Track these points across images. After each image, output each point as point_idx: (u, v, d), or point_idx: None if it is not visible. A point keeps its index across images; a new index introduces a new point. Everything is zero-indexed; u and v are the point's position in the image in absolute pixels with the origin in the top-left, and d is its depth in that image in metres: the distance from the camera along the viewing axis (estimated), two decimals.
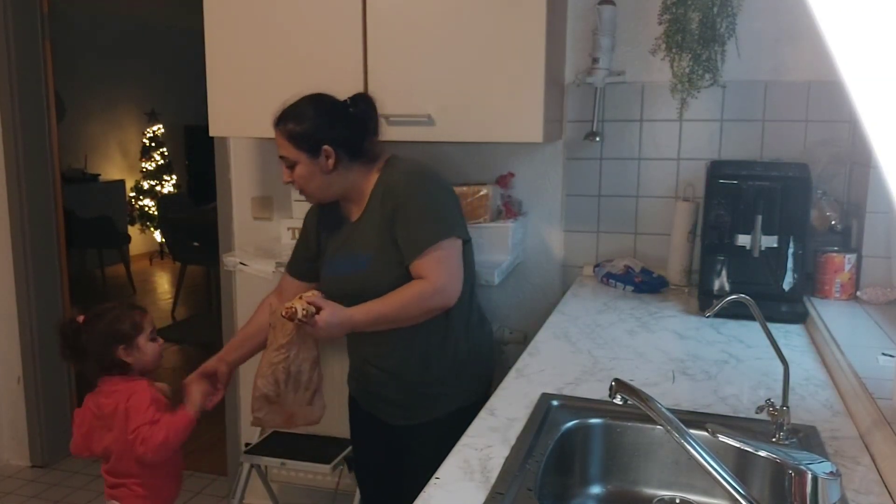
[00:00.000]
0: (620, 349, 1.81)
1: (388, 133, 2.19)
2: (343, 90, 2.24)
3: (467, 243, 1.88)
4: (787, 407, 1.30)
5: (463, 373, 1.91)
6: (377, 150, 1.89)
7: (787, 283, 2.07)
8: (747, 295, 1.31)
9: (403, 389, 1.91)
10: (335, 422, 2.60)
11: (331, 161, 1.80)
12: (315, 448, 2.51)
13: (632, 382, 1.04)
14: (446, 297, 1.78)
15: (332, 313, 1.72)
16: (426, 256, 1.74)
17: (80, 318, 1.96)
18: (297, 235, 2.59)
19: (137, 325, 1.95)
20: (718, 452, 1.00)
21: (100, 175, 7.61)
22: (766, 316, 1.33)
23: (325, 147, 1.79)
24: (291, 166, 1.82)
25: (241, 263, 2.34)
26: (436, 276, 1.75)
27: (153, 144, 8.07)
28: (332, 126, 1.81)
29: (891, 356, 1.55)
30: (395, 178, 1.82)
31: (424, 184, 1.82)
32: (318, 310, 1.71)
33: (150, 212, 7.94)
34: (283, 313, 1.70)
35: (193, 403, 1.96)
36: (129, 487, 1.97)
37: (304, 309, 1.70)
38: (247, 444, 2.58)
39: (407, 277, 1.78)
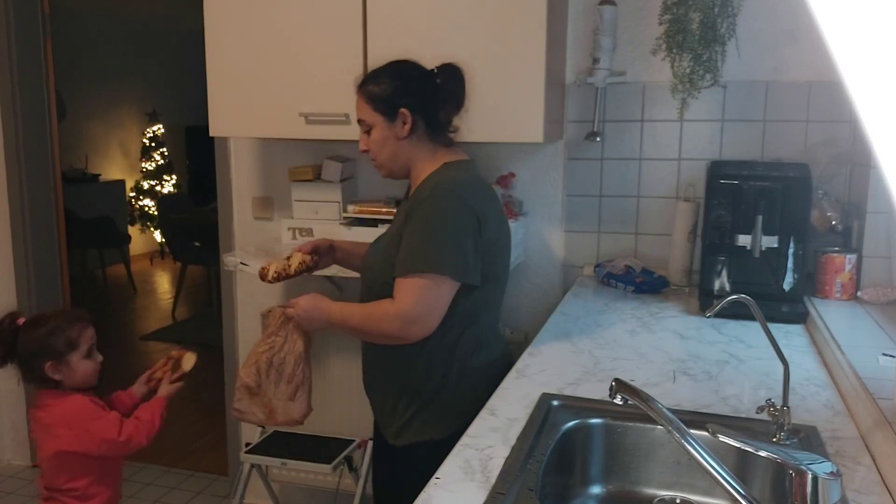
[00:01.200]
0: (621, 349, 1.81)
1: None
2: (343, 90, 2.24)
3: (478, 289, 1.70)
4: (788, 407, 1.30)
5: (434, 405, 1.76)
6: (453, 131, 1.79)
7: (788, 283, 2.08)
8: (748, 295, 1.31)
9: (379, 405, 1.86)
10: (335, 422, 2.61)
11: (406, 126, 1.72)
12: (316, 448, 2.51)
13: (632, 382, 1.04)
14: (407, 329, 1.65)
15: (313, 299, 1.74)
16: (408, 278, 1.63)
17: (20, 321, 1.89)
18: (297, 236, 2.60)
19: (72, 343, 1.87)
20: (719, 452, 1.00)
21: (100, 175, 7.61)
22: (766, 316, 1.33)
23: (402, 110, 1.72)
24: (368, 131, 1.76)
25: (242, 263, 2.34)
26: (404, 301, 1.63)
27: (153, 144, 8.07)
28: (411, 90, 1.73)
29: (891, 356, 1.55)
30: (433, 182, 1.72)
31: (446, 208, 1.67)
32: (309, 264, 1.85)
33: (151, 212, 7.94)
34: (259, 271, 1.83)
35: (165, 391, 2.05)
36: (59, 500, 1.92)
37: (275, 270, 1.81)
38: (247, 444, 2.58)
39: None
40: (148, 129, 8.05)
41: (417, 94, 1.73)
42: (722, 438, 1.01)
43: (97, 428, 1.89)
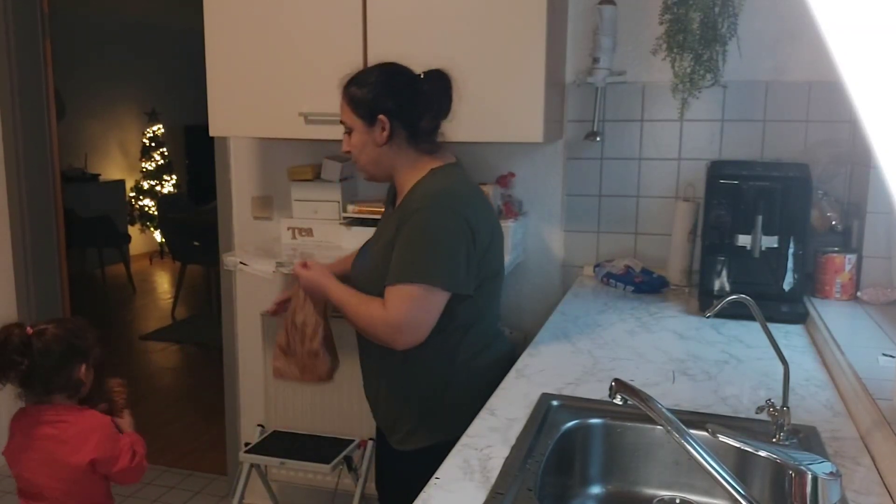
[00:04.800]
0: (620, 349, 1.81)
1: None
2: None
3: (476, 292, 1.69)
4: (788, 407, 1.30)
5: (440, 410, 1.74)
6: (438, 138, 1.76)
7: (788, 283, 2.07)
8: (747, 295, 1.31)
9: (382, 414, 1.86)
10: (335, 422, 2.61)
11: (384, 133, 1.70)
12: (315, 448, 2.51)
13: (632, 382, 1.04)
14: (395, 337, 1.64)
15: (318, 274, 1.78)
16: (399, 287, 1.62)
17: (29, 330, 1.76)
18: (296, 235, 2.60)
19: (93, 346, 1.82)
20: (718, 453, 1.00)
21: (100, 175, 7.61)
22: (766, 316, 1.33)
23: (381, 117, 1.69)
24: (349, 133, 1.75)
25: (242, 263, 2.34)
26: (395, 310, 1.62)
27: (153, 144, 8.06)
28: (393, 96, 1.70)
29: (891, 356, 1.55)
30: (422, 191, 1.69)
31: (439, 219, 1.65)
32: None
33: (150, 212, 7.94)
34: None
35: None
36: None
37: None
38: (247, 444, 2.58)
39: None
40: (148, 129, 8.05)
41: (399, 102, 1.70)
42: (721, 438, 1.01)
43: (119, 452, 1.83)
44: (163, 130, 8.13)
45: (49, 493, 1.80)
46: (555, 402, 1.47)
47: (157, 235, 7.88)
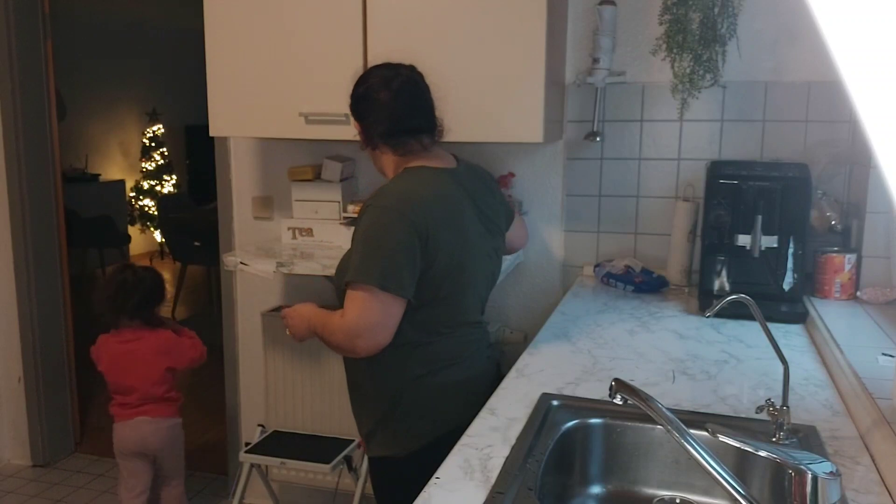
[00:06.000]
0: (620, 349, 1.81)
1: None
2: (343, 90, 2.24)
3: (425, 309, 1.65)
4: (787, 407, 1.30)
5: (392, 422, 1.72)
6: (425, 141, 1.72)
7: (787, 283, 2.08)
8: (747, 295, 1.31)
9: (354, 415, 1.86)
10: (335, 422, 2.61)
11: (357, 135, 1.76)
12: (315, 448, 2.51)
13: (632, 382, 1.04)
14: (353, 342, 1.60)
15: (300, 313, 1.77)
16: (350, 290, 1.59)
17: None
18: (297, 235, 2.60)
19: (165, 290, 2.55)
20: (718, 452, 1.00)
21: (100, 175, 7.61)
22: (766, 316, 1.33)
23: (353, 120, 1.75)
24: None
25: (242, 263, 2.34)
26: (348, 315, 1.59)
27: (153, 144, 8.07)
28: (359, 102, 1.73)
29: (890, 356, 1.56)
30: (379, 191, 1.66)
31: (376, 216, 1.61)
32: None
33: (151, 212, 7.94)
34: None
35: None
36: (157, 404, 2.56)
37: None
38: (247, 444, 2.58)
39: None
40: (148, 129, 8.05)
41: (363, 107, 1.73)
42: (721, 438, 1.01)
43: (185, 349, 2.61)
44: (163, 130, 8.13)
45: (139, 385, 2.53)
46: (555, 402, 1.47)
47: (158, 235, 7.88)
